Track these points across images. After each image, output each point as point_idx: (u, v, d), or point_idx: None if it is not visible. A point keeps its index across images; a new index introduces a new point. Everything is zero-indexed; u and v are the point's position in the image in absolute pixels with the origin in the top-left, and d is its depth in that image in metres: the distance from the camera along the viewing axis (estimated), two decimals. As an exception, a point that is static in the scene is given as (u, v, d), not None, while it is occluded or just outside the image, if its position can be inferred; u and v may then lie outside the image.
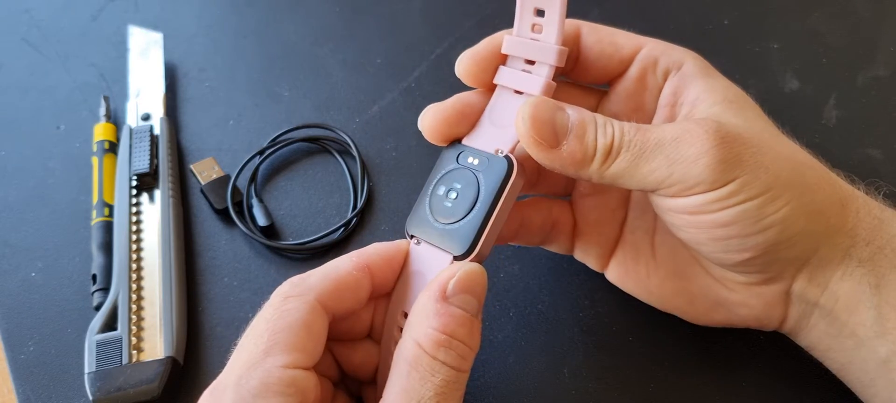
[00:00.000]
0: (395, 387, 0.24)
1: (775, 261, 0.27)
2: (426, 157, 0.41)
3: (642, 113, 0.30)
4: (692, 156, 0.24)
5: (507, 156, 0.27)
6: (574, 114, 0.26)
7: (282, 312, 0.24)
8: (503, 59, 0.29)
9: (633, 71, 0.30)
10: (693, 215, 0.26)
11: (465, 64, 0.29)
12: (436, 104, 0.29)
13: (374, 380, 0.29)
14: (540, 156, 0.26)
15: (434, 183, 0.28)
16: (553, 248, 0.34)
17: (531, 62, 0.28)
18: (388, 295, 0.29)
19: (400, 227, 0.38)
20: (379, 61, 0.46)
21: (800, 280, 0.27)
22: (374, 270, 0.27)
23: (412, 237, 0.28)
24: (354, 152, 0.40)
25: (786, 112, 0.42)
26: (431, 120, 0.29)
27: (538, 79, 0.28)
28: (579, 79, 0.31)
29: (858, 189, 0.28)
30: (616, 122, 0.26)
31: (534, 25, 0.28)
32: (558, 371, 0.32)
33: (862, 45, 0.45)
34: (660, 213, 0.28)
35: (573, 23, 0.30)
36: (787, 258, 0.26)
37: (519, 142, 0.27)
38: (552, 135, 0.26)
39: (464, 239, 0.27)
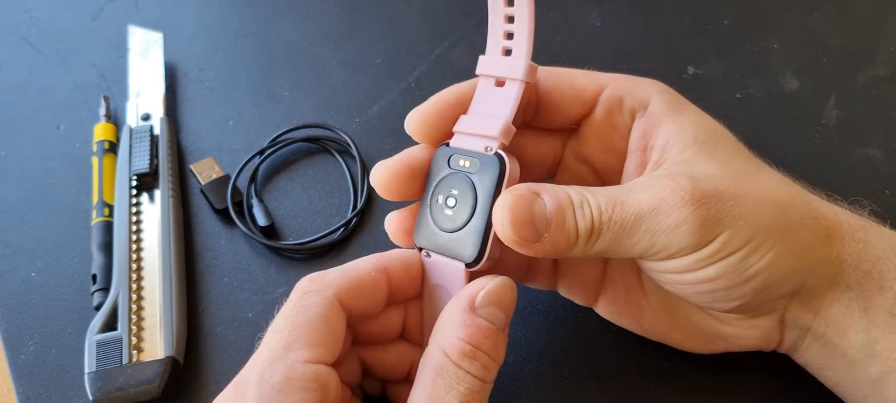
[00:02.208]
0: (421, 394, 0.24)
1: (765, 302, 0.27)
2: (426, 157, 0.41)
3: (613, 153, 0.29)
4: (672, 226, 0.24)
5: (497, 154, 0.27)
6: (550, 200, 0.25)
7: (301, 307, 0.25)
8: (464, 106, 0.28)
9: (599, 112, 0.29)
10: (678, 274, 0.26)
11: (415, 123, 0.28)
12: (384, 162, 0.29)
13: (407, 379, 0.29)
14: (524, 251, 0.26)
15: (432, 192, 0.28)
16: (534, 286, 0.33)
17: (501, 83, 0.28)
18: (418, 297, 0.29)
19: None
20: (379, 61, 0.46)
21: (792, 308, 0.27)
22: (391, 274, 0.27)
23: (421, 250, 0.28)
24: (354, 152, 0.40)
25: (786, 112, 0.42)
26: (381, 178, 0.28)
27: (499, 119, 0.27)
28: (544, 125, 0.30)
29: (841, 206, 0.28)
30: (591, 197, 0.25)
31: (506, 33, 0.28)
32: (558, 371, 0.32)
33: (862, 44, 0.45)
34: (645, 270, 0.28)
35: None
36: (776, 296, 0.27)
37: (505, 125, 0.27)
38: (533, 232, 0.25)
39: (470, 245, 0.27)
